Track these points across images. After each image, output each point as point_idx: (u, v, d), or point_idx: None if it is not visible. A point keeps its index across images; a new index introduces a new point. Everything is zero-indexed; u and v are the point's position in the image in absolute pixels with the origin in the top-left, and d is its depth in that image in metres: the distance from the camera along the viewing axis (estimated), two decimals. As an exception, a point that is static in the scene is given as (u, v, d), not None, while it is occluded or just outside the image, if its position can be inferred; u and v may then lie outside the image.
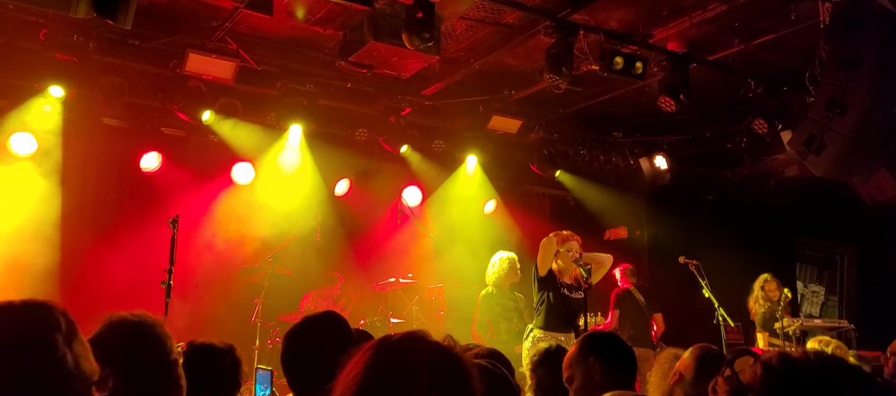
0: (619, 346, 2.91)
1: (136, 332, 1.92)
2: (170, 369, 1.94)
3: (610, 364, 2.77)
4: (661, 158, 8.88)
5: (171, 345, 1.97)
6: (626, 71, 6.25)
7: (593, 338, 2.95)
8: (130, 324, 1.90)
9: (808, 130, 5.18)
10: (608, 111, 8.52)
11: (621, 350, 2.89)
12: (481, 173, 9.10)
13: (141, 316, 1.95)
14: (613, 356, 2.82)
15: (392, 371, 1.32)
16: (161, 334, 1.94)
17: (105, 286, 6.32)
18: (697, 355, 2.64)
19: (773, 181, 9.50)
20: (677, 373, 2.63)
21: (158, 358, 1.91)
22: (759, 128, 7.27)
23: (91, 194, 7.36)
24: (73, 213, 7.11)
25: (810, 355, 1.26)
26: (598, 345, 2.86)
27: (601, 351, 2.80)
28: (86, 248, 6.95)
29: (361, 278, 8.29)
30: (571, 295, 5.88)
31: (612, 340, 2.96)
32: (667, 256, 7.54)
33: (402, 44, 5.64)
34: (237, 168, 7.96)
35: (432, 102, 8.04)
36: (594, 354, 2.78)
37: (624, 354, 2.87)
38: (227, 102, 7.26)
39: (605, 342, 2.90)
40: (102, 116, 7.35)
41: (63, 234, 6.88)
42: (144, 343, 1.90)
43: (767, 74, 6.97)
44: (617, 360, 2.82)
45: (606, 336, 3.07)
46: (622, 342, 2.98)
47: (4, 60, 6.23)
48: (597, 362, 2.74)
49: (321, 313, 2.66)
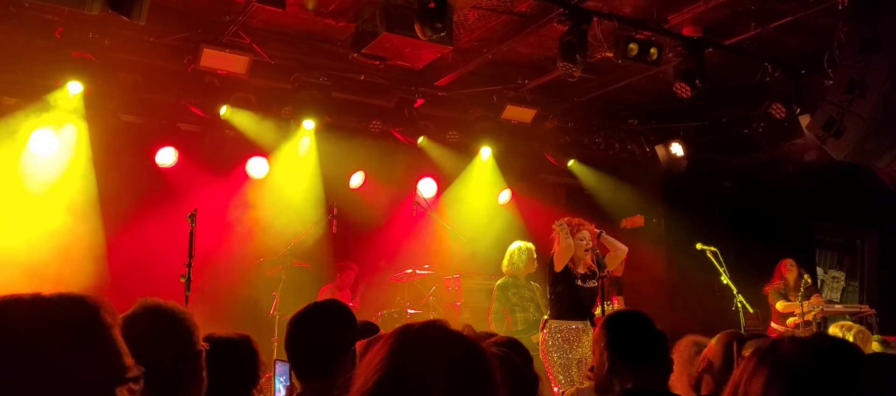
0: (635, 329, 2.61)
1: (167, 319, 1.93)
2: (194, 360, 1.95)
3: (620, 350, 2.53)
4: (676, 144, 8.81)
5: (198, 337, 1.98)
6: (640, 57, 6.19)
7: (607, 320, 2.67)
8: (163, 311, 1.92)
9: (827, 114, 5.11)
10: (623, 99, 8.46)
11: (636, 333, 2.58)
12: (496, 164, 9.08)
13: (173, 305, 1.96)
14: (625, 341, 2.55)
15: (412, 360, 1.33)
16: (190, 325, 1.95)
17: (124, 281, 6.38)
18: (726, 341, 2.60)
19: (792, 166, 9.38)
20: (705, 360, 2.60)
21: (185, 349, 1.92)
22: (777, 112, 7.18)
23: (110, 191, 7.43)
24: (90, 209, 7.19)
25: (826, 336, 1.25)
26: (609, 327, 2.61)
27: (611, 335, 2.57)
28: (104, 244, 7.02)
29: (378, 269, 8.32)
30: (585, 285, 5.87)
31: (628, 321, 2.65)
32: (684, 243, 7.49)
33: (414, 35, 5.63)
34: (252, 162, 8.00)
35: (446, 93, 8.02)
36: (605, 338, 2.58)
37: (639, 338, 2.56)
38: (241, 96, 7.29)
39: (618, 324, 2.63)
40: (119, 112, 7.41)
41: (81, 232, 6.95)
42: (174, 332, 1.91)
43: (785, 57, 6.87)
44: (630, 346, 2.54)
45: (621, 317, 2.72)
46: (642, 324, 2.63)
47: (22, 59, 6.30)
48: (606, 347, 2.55)
49: (324, 301, 2.67)
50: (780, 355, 1.13)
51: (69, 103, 6.69)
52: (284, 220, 7.93)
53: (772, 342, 1.16)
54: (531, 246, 6.91)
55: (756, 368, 1.14)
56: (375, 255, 8.36)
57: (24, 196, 6.80)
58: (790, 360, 1.12)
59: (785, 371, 1.11)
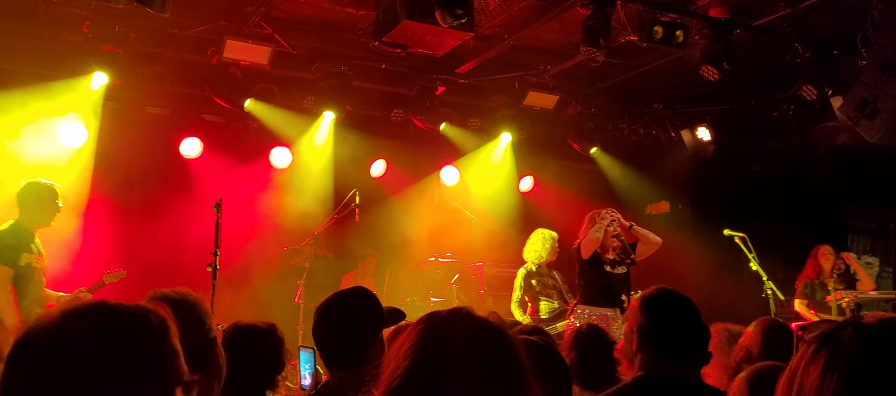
0: (666, 308, 2.41)
1: (177, 309, 1.92)
2: (209, 348, 1.95)
3: (652, 341, 2.36)
4: (703, 129, 8.67)
5: (211, 324, 1.97)
6: (666, 40, 6.07)
7: (646, 300, 2.47)
8: (172, 301, 1.91)
9: (860, 95, 4.98)
10: (648, 83, 8.33)
11: (667, 313, 2.39)
12: (518, 150, 9.03)
13: (183, 294, 1.96)
14: (660, 332, 2.35)
15: (441, 347, 1.33)
16: (202, 312, 1.94)
17: (152, 271, 6.46)
18: (763, 328, 2.54)
19: (823, 150, 9.18)
20: (743, 349, 2.53)
21: (198, 337, 1.91)
22: (808, 94, 7.02)
23: (136, 182, 7.54)
24: (118, 200, 7.30)
25: None
26: (646, 310, 2.41)
27: (646, 320, 2.38)
28: (132, 234, 7.12)
29: (401, 257, 8.33)
30: (614, 270, 5.82)
31: (668, 310, 2.43)
32: (712, 229, 7.38)
33: (435, 22, 5.58)
34: (276, 152, 8.05)
35: (467, 80, 7.98)
36: (638, 320, 2.41)
37: (669, 319, 2.37)
38: (264, 87, 7.33)
39: (657, 310, 2.42)
40: (145, 105, 7.50)
41: (108, 221, 7.07)
42: (185, 321, 1.90)
43: (816, 37, 6.70)
44: (658, 327, 2.35)
45: (662, 301, 2.46)
46: (674, 303, 2.43)
47: (51, 53, 6.38)
48: (636, 331, 2.40)
49: (350, 288, 2.66)
50: (841, 341, 1.08)
51: (92, 95, 6.77)
52: (307, 209, 7.98)
53: (833, 327, 1.11)
54: (554, 235, 6.88)
55: (815, 355, 1.09)
56: (397, 243, 8.37)
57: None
58: (851, 347, 1.07)
59: (845, 358, 1.06)
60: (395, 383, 1.30)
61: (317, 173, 8.19)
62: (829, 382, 1.05)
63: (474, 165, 9.08)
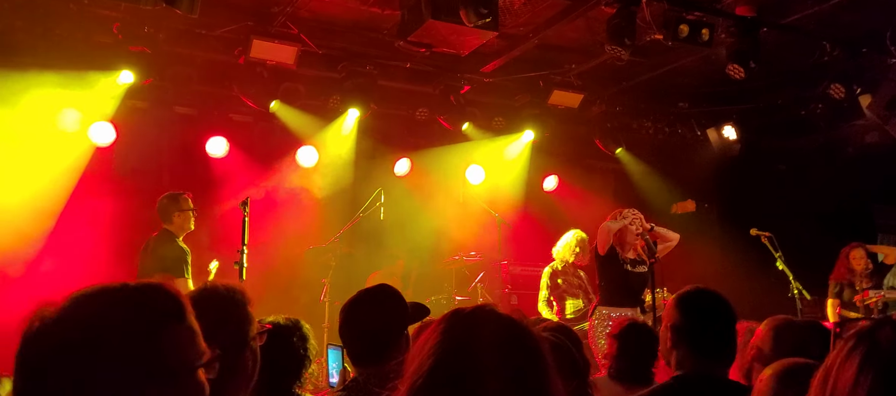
0: (704, 306, 2.41)
1: (225, 306, 1.89)
2: (240, 350, 1.91)
3: (687, 338, 2.35)
4: (729, 128, 8.58)
5: (248, 328, 1.93)
6: (691, 39, 6.03)
7: (682, 298, 2.46)
8: (221, 296, 1.89)
9: (890, 93, 4.92)
10: (673, 82, 8.27)
11: (704, 311, 2.39)
12: (542, 149, 9.01)
13: (233, 291, 1.94)
14: (690, 319, 2.36)
15: (464, 344, 1.34)
16: (242, 314, 1.92)
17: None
18: (773, 326, 2.54)
19: (852, 148, 9.04)
20: (754, 348, 2.53)
21: (231, 336, 1.89)
22: (836, 93, 6.93)
23: (163, 181, 7.67)
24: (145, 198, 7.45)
25: None
26: (682, 307, 2.41)
27: (682, 317, 2.38)
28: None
29: (425, 256, 8.37)
30: (635, 269, 5.79)
31: (705, 307, 2.43)
32: (738, 228, 7.31)
33: (459, 21, 5.61)
34: (301, 151, 8.13)
35: (491, 79, 7.99)
36: (674, 318, 2.41)
37: (707, 317, 2.37)
38: (289, 86, 7.41)
39: (687, 301, 2.43)
40: (174, 104, 7.63)
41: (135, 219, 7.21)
42: (219, 319, 1.81)
43: (844, 35, 6.60)
44: (694, 325, 2.35)
45: (698, 300, 2.46)
46: (711, 301, 2.43)
47: (82, 54, 6.53)
48: (672, 329, 2.40)
49: (376, 286, 2.70)
50: (877, 339, 1.06)
51: (121, 94, 6.91)
52: (332, 207, 8.05)
53: (870, 326, 1.10)
54: (584, 236, 6.85)
55: (850, 352, 1.07)
56: (422, 242, 8.42)
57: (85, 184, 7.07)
58: (887, 345, 1.05)
59: (881, 356, 1.04)
60: (419, 380, 1.31)
61: (342, 171, 8.26)
62: (864, 380, 1.03)
63: (499, 164, 9.08)
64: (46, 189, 6.72)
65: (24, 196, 6.48)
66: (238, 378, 1.90)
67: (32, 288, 6.34)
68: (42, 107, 6.55)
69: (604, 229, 5.74)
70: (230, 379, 1.90)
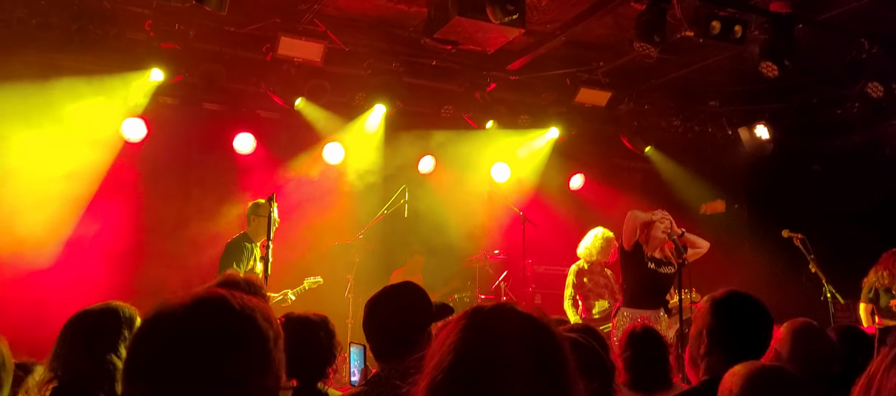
0: (739, 310, 2.37)
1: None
2: None
3: (723, 342, 2.31)
4: (762, 127, 8.41)
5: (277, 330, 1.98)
6: (723, 36, 5.90)
7: (719, 302, 2.42)
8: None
9: (932, 92, 4.75)
10: (703, 79, 8.13)
11: (740, 315, 2.35)
12: (569, 148, 8.94)
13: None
14: (726, 323, 2.33)
15: (484, 341, 1.33)
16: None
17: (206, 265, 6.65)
18: (793, 330, 2.48)
19: (889, 148, 8.80)
20: (772, 350, 2.47)
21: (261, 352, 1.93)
22: (874, 91, 6.74)
23: (192, 177, 7.79)
24: (176, 194, 7.56)
25: None
26: (718, 312, 2.37)
27: (718, 322, 2.34)
28: (188, 227, 7.35)
29: (449, 253, 8.36)
30: (660, 270, 5.68)
31: (732, 302, 2.41)
32: (769, 230, 7.16)
33: (486, 18, 5.58)
34: (328, 148, 8.17)
35: (518, 77, 7.94)
36: (709, 322, 2.37)
37: (743, 321, 2.34)
38: (316, 83, 7.45)
39: (722, 305, 2.39)
40: (203, 101, 7.73)
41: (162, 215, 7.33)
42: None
43: (883, 32, 6.42)
44: (730, 329, 2.31)
45: (736, 305, 2.42)
46: (747, 305, 2.39)
47: (115, 51, 6.65)
48: (708, 333, 2.36)
49: (400, 283, 2.70)
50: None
51: (152, 90, 7.02)
52: (357, 204, 8.08)
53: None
54: (610, 234, 6.77)
55: (895, 361, 1.05)
56: (446, 239, 8.41)
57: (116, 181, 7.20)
58: None
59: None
60: (439, 376, 1.30)
61: (367, 168, 8.29)
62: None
63: (525, 162, 9.03)
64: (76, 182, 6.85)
65: (54, 189, 6.61)
66: None
67: (59, 280, 6.48)
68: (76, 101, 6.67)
69: (630, 218, 5.64)
70: None
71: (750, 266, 8.08)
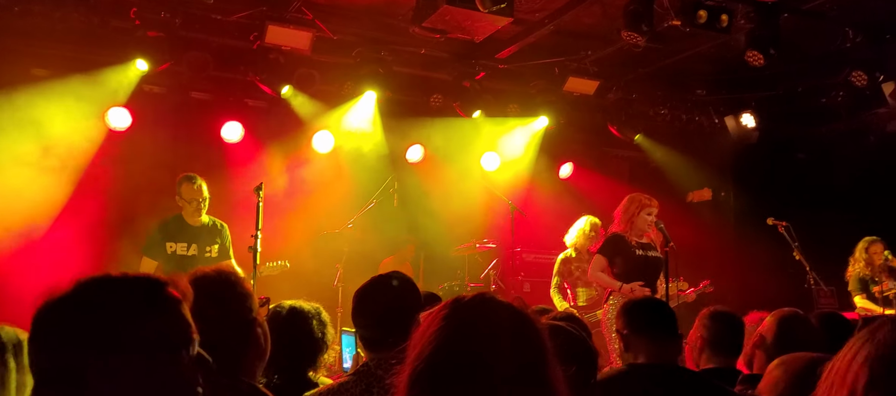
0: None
1: (216, 288, 1.93)
2: (250, 327, 1.96)
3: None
4: (747, 115, 8.47)
5: (252, 304, 1.99)
6: (710, 25, 5.94)
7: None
8: (211, 280, 1.94)
9: (914, 81, 4.80)
10: (690, 68, 8.17)
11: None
12: (557, 136, 8.97)
13: (222, 273, 1.99)
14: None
15: (464, 332, 1.35)
16: (242, 292, 1.97)
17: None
18: (779, 318, 2.54)
19: (873, 137, 8.89)
20: (758, 336, 2.54)
21: (238, 317, 1.93)
22: (858, 80, 6.81)
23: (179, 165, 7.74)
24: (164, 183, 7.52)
25: None
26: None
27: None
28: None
29: (439, 243, 8.39)
30: (648, 254, 5.75)
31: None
32: (754, 217, 7.24)
33: (474, 7, 5.58)
34: (317, 137, 8.15)
35: (506, 66, 7.94)
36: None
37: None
38: (304, 72, 7.42)
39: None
40: (189, 89, 7.68)
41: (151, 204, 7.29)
42: (223, 300, 1.91)
43: (868, 21, 6.48)
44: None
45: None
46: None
47: (100, 39, 6.59)
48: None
49: (389, 272, 2.72)
50: (878, 337, 1.08)
51: (137, 79, 6.96)
52: (346, 193, 8.08)
53: (877, 322, 1.11)
54: (596, 221, 6.83)
55: (854, 347, 1.10)
56: (435, 229, 8.43)
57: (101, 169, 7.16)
58: (886, 342, 1.07)
59: (878, 352, 1.07)
60: (420, 365, 1.32)
61: (357, 157, 8.28)
62: (860, 376, 1.05)
63: (512, 150, 9.05)
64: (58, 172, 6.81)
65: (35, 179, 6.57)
66: (251, 353, 1.98)
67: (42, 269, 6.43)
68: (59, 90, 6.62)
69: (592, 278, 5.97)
70: (243, 354, 1.96)
71: (736, 254, 8.17)
